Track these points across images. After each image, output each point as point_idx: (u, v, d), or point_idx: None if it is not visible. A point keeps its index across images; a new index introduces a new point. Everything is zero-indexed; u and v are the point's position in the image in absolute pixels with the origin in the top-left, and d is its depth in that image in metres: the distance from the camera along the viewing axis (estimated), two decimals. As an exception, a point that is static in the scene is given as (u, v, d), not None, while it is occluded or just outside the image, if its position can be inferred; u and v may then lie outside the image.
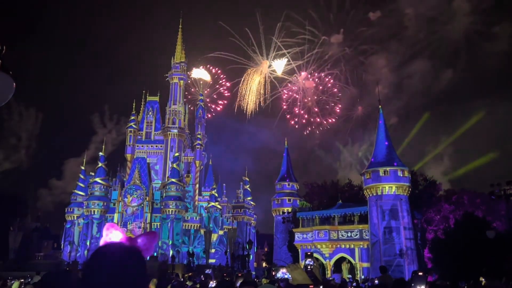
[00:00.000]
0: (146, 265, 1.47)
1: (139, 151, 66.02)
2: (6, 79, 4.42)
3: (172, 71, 69.73)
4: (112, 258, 1.46)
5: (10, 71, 4.58)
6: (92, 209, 57.87)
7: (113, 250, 1.51)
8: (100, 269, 1.43)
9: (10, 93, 4.59)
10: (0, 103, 4.33)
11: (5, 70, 4.37)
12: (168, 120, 67.08)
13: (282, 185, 54.55)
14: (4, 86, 4.35)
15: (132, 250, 1.49)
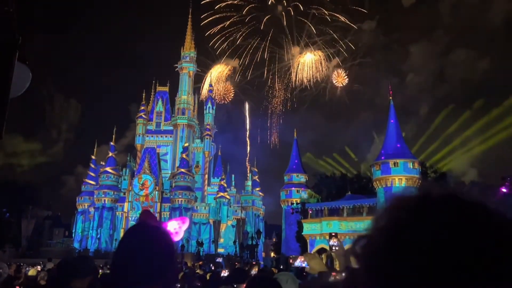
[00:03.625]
0: (172, 247, 1.52)
1: (149, 141, 66.43)
2: (23, 69, 4.47)
3: (182, 61, 69.75)
4: (140, 237, 1.52)
5: (26, 61, 4.62)
6: (102, 198, 58.53)
7: (142, 230, 1.57)
8: (125, 246, 1.50)
9: (27, 82, 4.65)
10: (17, 93, 4.39)
11: (22, 60, 4.42)
12: (177, 110, 67.29)
13: (291, 176, 54.56)
14: (21, 76, 4.40)
15: (160, 231, 1.54)
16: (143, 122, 67.14)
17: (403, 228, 0.53)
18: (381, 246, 0.53)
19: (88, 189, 62.65)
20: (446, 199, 0.54)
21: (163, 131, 67.69)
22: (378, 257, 0.53)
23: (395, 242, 0.52)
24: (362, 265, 0.55)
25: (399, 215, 0.55)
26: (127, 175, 62.35)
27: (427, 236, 0.51)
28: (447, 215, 0.52)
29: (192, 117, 68.31)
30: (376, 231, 0.56)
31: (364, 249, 0.56)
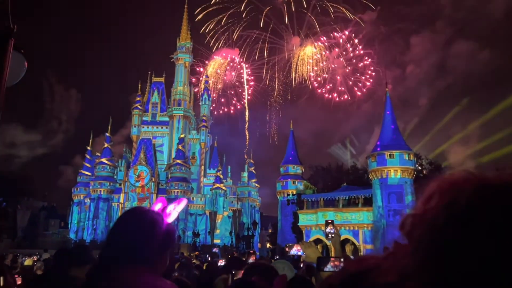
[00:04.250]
0: (160, 229, 1.59)
1: (145, 132, 66.25)
2: (18, 58, 4.43)
3: (177, 51, 69.32)
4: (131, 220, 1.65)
5: (22, 50, 4.58)
6: (98, 189, 58.48)
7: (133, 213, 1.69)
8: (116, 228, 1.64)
9: (22, 72, 4.61)
10: (13, 81, 4.36)
11: (17, 49, 4.38)
12: (173, 101, 67.04)
13: (287, 168, 54.67)
14: (16, 65, 4.36)
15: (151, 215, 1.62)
16: (139, 113, 66.88)
17: (466, 209, 0.53)
18: (437, 225, 0.54)
19: (84, 180, 62.56)
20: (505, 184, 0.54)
21: (159, 122, 67.49)
22: (433, 236, 0.54)
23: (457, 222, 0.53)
24: (412, 244, 0.56)
25: (459, 195, 0.55)
26: (123, 166, 62.26)
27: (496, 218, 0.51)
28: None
29: (188, 108, 68.10)
30: (428, 213, 0.56)
31: (414, 227, 0.56)
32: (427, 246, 0.54)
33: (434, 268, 0.53)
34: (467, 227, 0.52)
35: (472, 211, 0.53)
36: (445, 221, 0.54)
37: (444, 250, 0.53)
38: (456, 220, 0.54)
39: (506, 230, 0.50)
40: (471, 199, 0.54)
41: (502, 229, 0.50)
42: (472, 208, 0.54)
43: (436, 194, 0.58)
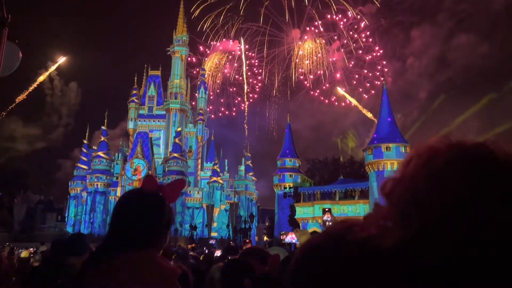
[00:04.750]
0: (161, 209, 1.61)
1: (141, 125, 66.08)
2: (13, 48, 4.40)
3: (174, 44, 68.98)
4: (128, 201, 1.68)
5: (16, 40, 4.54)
6: (95, 182, 58.42)
7: (132, 194, 1.72)
8: (117, 211, 1.66)
9: (17, 61, 4.58)
10: (8, 71, 4.33)
11: (11, 39, 4.34)
12: (170, 94, 66.82)
13: (284, 161, 54.76)
14: (11, 55, 4.33)
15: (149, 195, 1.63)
16: (135, 107, 66.66)
17: (442, 166, 0.58)
18: (415, 183, 0.59)
19: (80, 174, 62.46)
20: (479, 147, 0.60)
21: (156, 115, 67.31)
22: (409, 197, 0.58)
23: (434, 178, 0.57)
24: (392, 202, 0.61)
25: (435, 155, 0.60)
26: (119, 159, 62.16)
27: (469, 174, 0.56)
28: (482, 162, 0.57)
29: (185, 102, 67.91)
30: (407, 174, 0.61)
31: (394, 188, 0.61)
32: (406, 202, 0.59)
33: (412, 220, 0.57)
34: (443, 182, 0.57)
35: (448, 168, 0.58)
36: (422, 178, 0.59)
37: (422, 203, 0.57)
38: (433, 176, 0.58)
39: (478, 184, 0.55)
40: (446, 157, 0.59)
41: (475, 183, 0.55)
42: (448, 165, 0.58)
43: (414, 157, 0.62)
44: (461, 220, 0.54)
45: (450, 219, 0.55)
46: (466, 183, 0.56)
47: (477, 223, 0.53)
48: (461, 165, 0.58)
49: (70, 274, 2.59)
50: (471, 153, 0.59)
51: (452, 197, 0.55)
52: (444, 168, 0.59)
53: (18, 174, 63.21)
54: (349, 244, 0.63)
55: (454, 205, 0.55)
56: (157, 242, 1.59)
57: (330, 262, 0.64)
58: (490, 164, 0.57)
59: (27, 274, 4.09)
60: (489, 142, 0.60)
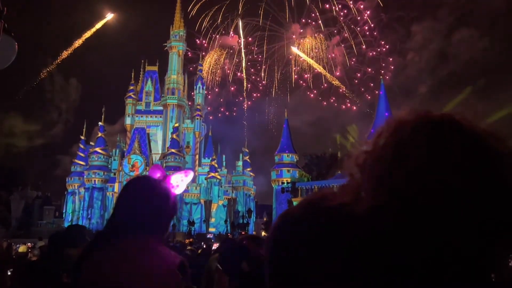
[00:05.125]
0: (165, 197, 1.60)
1: (139, 121, 65.91)
2: (9, 41, 4.37)
3: (171, 40, 68.70)
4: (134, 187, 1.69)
5: (12, 33, 4.51)
6: (92, 178, 58.33)
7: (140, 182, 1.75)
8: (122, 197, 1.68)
9: (13, 55, 4.55)
10: (4, 65, 4.30)
11: (7, 32, 4.31)
12: (167, 90, 66.63)
13: (282, 156, 54.82)
14: (7, 48, 4.30)
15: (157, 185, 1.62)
16: (132, 102, 66.44)
17: (404, 140, 0.62)
18: (381, 157, 0.62)
19: (78, 170, 62.34)
20: (444, 117, 0.63)
21: (153, 111, 67.12)
22: (379, 166, 0.62)
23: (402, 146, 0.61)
24: (364, 173, 0.64)
25: (403, 125, 0.64)
26: (117, 155, 62.04)
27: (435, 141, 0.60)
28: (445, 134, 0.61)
29: (182, 97, 67.72)
30: (377, 145, 0.65)
31: (366, 159, 0.65)
32: (377, 171, 0.62)
33: (382, 187, 0.60)
34: (407, 149, 0.60)
35: (412, 136, 0.61)
36: (390, 147, 0.63)
37: (389, 171, 0.60)
38: (399, 144, 0.62)
39: (437, 151, 0.59)
40: (412, 126, 0.63)
41: (435, 150, 0.59)
42: (413, 133, 0.62)
43: (385, 129, 0.66)
44: (421, 188, 0.57)
45: (414, 186, 0.57)
46: (427, 150, 0.59)
47: (434, 190, 0.56)
48: (424, 132, 0.61)
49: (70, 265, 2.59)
50: (436, 122, 0.62)
51: (414, 164, 0.58)
52: (409, 136, 0.61)
53: (16, 170, 63.05)
54: (323, 211, 0.67)
55: (416, 172, 0.58)
56: (158, 230, 1.58)
57: (303, 227, 0.67)
58: (453, 133, 0.60)
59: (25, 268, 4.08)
60: (456, 113, 0.63)
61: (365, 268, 0.60)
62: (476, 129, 0.61)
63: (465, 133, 0.61)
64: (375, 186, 0.61)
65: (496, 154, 0.59)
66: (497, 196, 0.56)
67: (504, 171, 0.58)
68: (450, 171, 0.57)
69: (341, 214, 0.64)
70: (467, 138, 0.60)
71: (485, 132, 0.61)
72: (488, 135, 0.61)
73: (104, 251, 1.54)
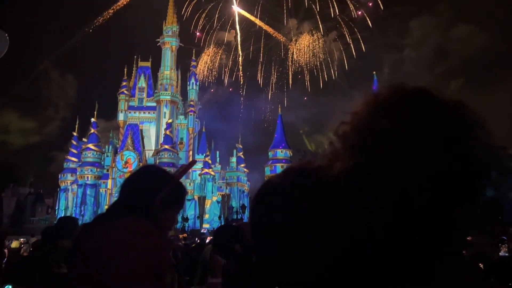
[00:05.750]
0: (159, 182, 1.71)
1: (132, 117, 65.58)
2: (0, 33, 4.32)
3: (164, 35, 68.33)
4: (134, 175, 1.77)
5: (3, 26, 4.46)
6: (85, 175, 58.02)
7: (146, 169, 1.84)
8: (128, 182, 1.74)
9: (4, 47, 4.50)
10: (-5, 57, 4.25)
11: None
12: (160, 86, 66.33)
13: (275, 152, 54.92)
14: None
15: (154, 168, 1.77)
16: (125, 98, 66.06)
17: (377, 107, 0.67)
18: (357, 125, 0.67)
19: (70, 166, 61.98)
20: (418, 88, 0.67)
21: (146, 107, 66.81)
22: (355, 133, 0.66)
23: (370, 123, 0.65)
24: (342, 140, 0.69)
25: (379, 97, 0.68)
26: (110, 152, 61.74)
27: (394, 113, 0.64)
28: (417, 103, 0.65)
29: (176, 93, 67.46)
30: (355, 114, 0.69)
31: (346, 129, 0.69)
32: (352, 136, 0.67)
33: (355, 150, 0.65)
34: (379, 114, 0.65)
35: (385, 103, 0.66)
36: (365, 114, 0.67)
37: (363, 135, 0.65)
38: (373, 111, 0.66)
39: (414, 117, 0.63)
40: (386, 94, 0.68)
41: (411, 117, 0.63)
42: (385, 100, 0.67)
43: (363, 103, 0.70)
44: (391, 150, 0.62)
45: (384, 148, 0.62)
46: (399, 117, 0.63)
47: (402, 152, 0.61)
48: (398, 102, 0.65)
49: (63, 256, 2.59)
50: (409, 92, 0.66)
51: (386, 130, 0.63)
52: (382, 103, 0.66)
53: (8, 167, 62.53)
54: (301, 174, 0.71)
55: (387, 136, 0.62)
56: (158, 217, 1.61)
57: (283, 190, 0.70)
58: (424, 102, 0.64)
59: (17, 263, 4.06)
60: (430, 86, 0.67)
61: (341, 224, 0.63)
62: (447, 99, 0.65)
63: (436, 102, 0.64)
64: (349, 150, 0.65)
65: (465, 122, 0.63)
66: (462, 162, 0.60)
67: (471, 138, 0.62)
68: (419, 136, 0.61)
69: (318, 175, 0.68)
70: (437, 107, 0.64)
71: (455, 102, 0.65)
72: (458, 105, 0.65)
73: (99, 229, 1.58)
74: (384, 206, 0.60)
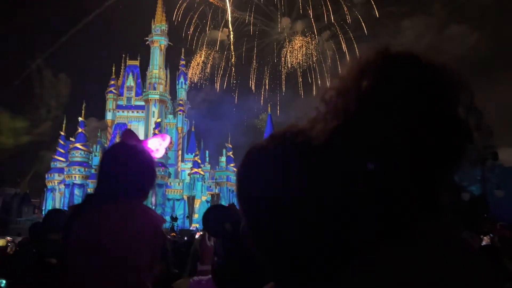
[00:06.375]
0: (149, 164, 1.62)
1: (120, 116, 65.04)
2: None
3: (153, 34, 67.89)
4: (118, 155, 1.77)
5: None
6: (73, 174, 57.36)
7: (119, 148, 1.81)
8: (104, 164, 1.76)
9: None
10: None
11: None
12: (148, 85, 65.90)
13: (265, 151, 54.93)
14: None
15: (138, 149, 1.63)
16: (113, 97, 65.49)
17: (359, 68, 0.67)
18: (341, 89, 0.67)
19: (57, 166, 61.24)
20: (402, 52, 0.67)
21: (135, 106, 66.31)
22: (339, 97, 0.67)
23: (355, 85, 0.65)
24: (326, 103, 0.69)
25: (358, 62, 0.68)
26: (98, 151, 61.13)
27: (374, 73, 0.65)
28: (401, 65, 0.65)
29: (164, 92, 67.07)
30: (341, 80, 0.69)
31: (330, 95, 0.69)
32: (335, 98, 0.67)
33: (337, 111, 0.65)
34: (361, 75, 0.65)
35: (366, 64, 0.67)
36: (347, 77, 0.67)
37: (345, 97, 0.66)
38: (355, 72, 0.66)
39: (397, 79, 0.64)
40: (369, 56, 0.68)
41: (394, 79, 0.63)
42: (367, 62, 0.67)
43: (348, 68, 0.69)
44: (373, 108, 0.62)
45: (366, 108, 0.62)
46: (379, 75, 0.64)
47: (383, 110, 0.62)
48: (379, 61, 0.65)
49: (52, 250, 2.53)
50: (393, 55, 0.66)
51: (368, 91, 0.63)
52: (365, 65, 0.66)
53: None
54: (286, 136, 0.71)
55: (368, 96, 0.63)
56: (140, 193, 1.59)
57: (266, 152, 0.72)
58: (408, 64, 0.64)
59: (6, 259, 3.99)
60: (415, 48, 0.67)
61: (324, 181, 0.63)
62: (432, 61, 0.65)
63: (420, 63, 0.64)
64: (332, 113, 0.66)
65: (448, 83, 0.64)
66: (444, 121, 0.61)
67: (454, 98, 0.63)
68: (401, 95, 0.61)
69: (300, 138, 0.69)
70: (421, 67, 0.64)
71: (440, 64, 0.66)
72: (443, 66, 0.65)
73: (90, 215, 1.58)
74: (365, 164, 0.60)
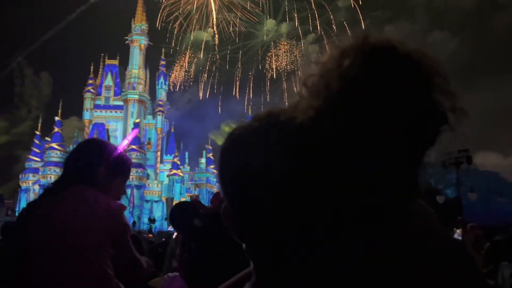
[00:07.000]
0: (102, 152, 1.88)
1: (97, 116, 64.05)
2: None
3: (132, 33, 67.17)
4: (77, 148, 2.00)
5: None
6: (48, 175, 56.08)
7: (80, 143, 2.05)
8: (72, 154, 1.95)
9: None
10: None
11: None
12: (128, 85, 65.11)
13: (245, 153, 54.99)
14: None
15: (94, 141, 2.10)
16: (91, 97, 64.45)
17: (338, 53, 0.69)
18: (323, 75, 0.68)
19: (32, 166, 59.80)
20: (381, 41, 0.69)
21: (113, 106, 65.40)
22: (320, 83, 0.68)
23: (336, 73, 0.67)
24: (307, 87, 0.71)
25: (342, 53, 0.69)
26: (74, 151, 60.04)
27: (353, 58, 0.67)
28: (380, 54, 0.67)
29: (144, 92, 66.38)
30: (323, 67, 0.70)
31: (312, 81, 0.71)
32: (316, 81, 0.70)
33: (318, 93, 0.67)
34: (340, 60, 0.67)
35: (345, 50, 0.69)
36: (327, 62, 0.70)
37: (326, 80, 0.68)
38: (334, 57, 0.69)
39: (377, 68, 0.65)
40: (348, 43, 0.70)
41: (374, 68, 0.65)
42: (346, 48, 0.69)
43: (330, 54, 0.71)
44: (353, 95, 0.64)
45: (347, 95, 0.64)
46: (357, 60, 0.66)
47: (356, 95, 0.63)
48: (358, 47, 0.68)
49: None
50: (372, 44, 0.68)
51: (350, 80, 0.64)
52: (345, 51, 0.68)
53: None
54: (267, 117, 0.73)
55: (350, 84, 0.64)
56: (105, 186, 1.80)
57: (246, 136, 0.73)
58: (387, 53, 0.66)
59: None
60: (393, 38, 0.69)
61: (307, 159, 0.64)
62: (409, 50, 0.67)
63: (397, 49, 0.66)
64: (313, 96, 0.67)
65: (424, 68, 0.65)
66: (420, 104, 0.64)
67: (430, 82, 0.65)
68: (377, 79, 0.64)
69: (282, 119, 0.70)
70: (398, 53, 0.66)
71: (416, 50, 0.67)
72: (420, 52, 0.67)
73: (51, 199, 1.76)
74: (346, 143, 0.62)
